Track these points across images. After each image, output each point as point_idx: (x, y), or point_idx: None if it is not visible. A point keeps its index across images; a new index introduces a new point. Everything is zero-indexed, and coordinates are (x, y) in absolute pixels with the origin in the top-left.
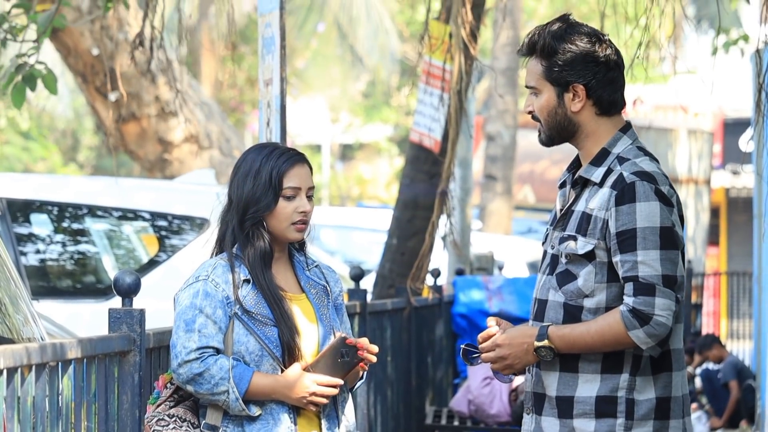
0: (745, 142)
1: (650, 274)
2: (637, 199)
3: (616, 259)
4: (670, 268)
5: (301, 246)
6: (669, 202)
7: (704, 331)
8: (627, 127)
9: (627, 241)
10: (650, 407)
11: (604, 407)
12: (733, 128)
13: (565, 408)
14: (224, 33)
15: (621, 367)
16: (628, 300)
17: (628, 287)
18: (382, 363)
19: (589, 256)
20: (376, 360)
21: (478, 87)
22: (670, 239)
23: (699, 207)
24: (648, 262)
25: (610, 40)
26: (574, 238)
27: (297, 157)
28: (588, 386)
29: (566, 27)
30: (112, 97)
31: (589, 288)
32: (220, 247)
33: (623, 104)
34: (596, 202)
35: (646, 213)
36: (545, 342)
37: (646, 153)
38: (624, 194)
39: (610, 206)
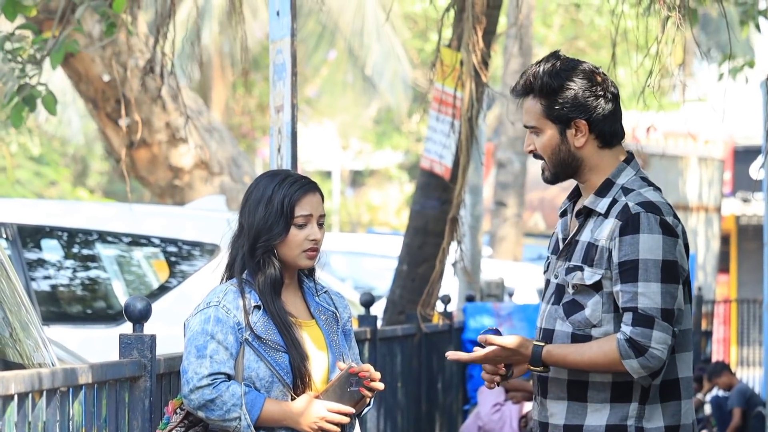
0: (756, 170)
1: (650, 306)
2: (641, 231)
3: (617, 288)
4: (669, 302)
5: (310, 272)
6: (673, 232)
7: (714, 359)
8: (630, 159)
9: (628, 271)
10: None
11: None
12: (743, 156)
13: None
14: (236, 60)
15: (630, 396)
16: (626, 329)
17: (627, 317)
18: (392, 389)
19: (596, 287)
20: (384, 387)
21: (488, 114)
22: (671, 273)
23: (709, 234)
24: (648, 294)
25: (604, 73)
26: (581, 269)
27: (309, 186)
28: (597, 415)
29: (561, 64)
30: (123, 123)
31: (597, 318)
32: (230, 272)
33: (623, 134)
34: (603, 232)
35: (649, 245)
36: (540, 368)
37: (650, 183)
38: (628, 225)
39: (615, 236)
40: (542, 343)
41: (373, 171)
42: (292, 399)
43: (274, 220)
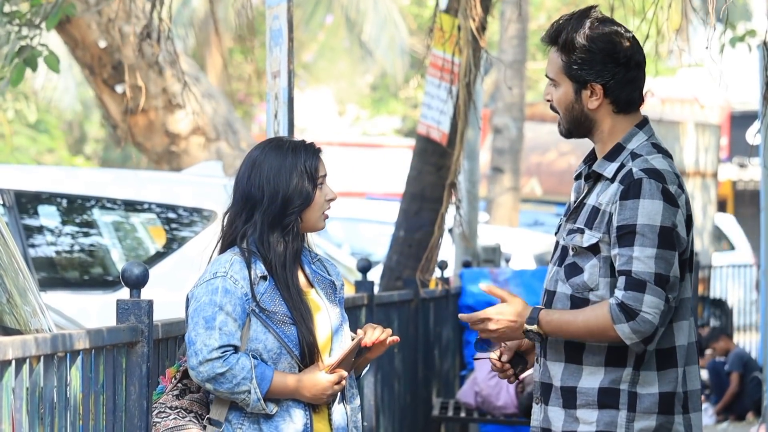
0: (752, 135)
1: (643, 271)
2: (642, 196)
3: (614, 252)
4: (664, 267)
5: (302, 239)
6: (675, 202)
7: (711, 324)
8: (643, 123)
9: (626, 235)
10: (653, 401)
11: (606, 398)
12: (740, 121)
13: (569, 398)
14: (233, 25)
15: (625, 360)
16: (618, 293)
17: (621, 281)
18: (389, 355)
19: (594, 250)
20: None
21: (485, 79)
22: (668, 239)
23: (706, 200)
24: (643, 259)
25: (634, 37)
26: (582, 231)
27: (318, 147)
28: (591, 378)
29: (591, 23)
30: (120, 89)
31: (594, 282)
32: (229, 243)
33: (641, 101)
34: (606, 196)
35: (648, 210)
36: (534, 327)
37: (660, 150)
38: (630, 189)
39: (616, 200)
40: (541, 307)
41: (369, 137)
42: (300, 371)
43: (303, 184)
